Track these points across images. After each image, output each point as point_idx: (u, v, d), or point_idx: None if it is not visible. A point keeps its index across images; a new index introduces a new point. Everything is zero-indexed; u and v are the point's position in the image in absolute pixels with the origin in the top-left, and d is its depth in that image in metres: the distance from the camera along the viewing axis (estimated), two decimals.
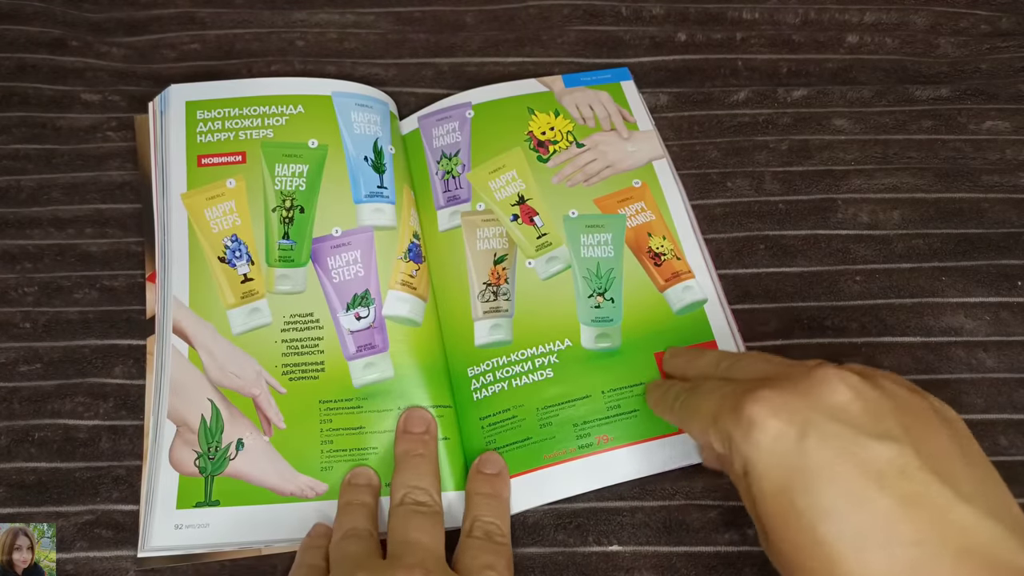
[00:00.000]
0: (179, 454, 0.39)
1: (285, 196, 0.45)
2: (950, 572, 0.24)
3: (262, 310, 0.43)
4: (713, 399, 0.31)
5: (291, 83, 0.48)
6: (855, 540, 0.26)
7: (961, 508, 0.25)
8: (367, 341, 0.42)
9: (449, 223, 0.47)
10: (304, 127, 0.47)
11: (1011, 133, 0.50)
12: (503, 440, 0.41)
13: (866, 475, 0.26)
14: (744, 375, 0.33)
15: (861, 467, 0.26)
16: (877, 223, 0.47)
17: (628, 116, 0.50)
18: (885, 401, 0.28)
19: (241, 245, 0.44)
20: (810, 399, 0.28)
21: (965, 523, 0.25)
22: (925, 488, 0.26)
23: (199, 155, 0.46)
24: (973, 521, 0.25)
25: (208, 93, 0.48)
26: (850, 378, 0.29)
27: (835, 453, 0.27)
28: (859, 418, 0.27)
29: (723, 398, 0.30)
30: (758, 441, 0.28)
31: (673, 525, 0.40)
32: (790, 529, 0.27)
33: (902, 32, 0.55)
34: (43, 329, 0.44)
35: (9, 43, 0.53)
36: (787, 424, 0.28)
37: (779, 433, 0.28)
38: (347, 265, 0.44)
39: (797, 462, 0.27)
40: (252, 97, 0.47)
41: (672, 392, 0.36)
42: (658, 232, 0.46)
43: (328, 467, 0.40)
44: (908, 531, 0.25)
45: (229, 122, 0.47)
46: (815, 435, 0.27)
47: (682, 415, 0.34)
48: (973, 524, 0.25)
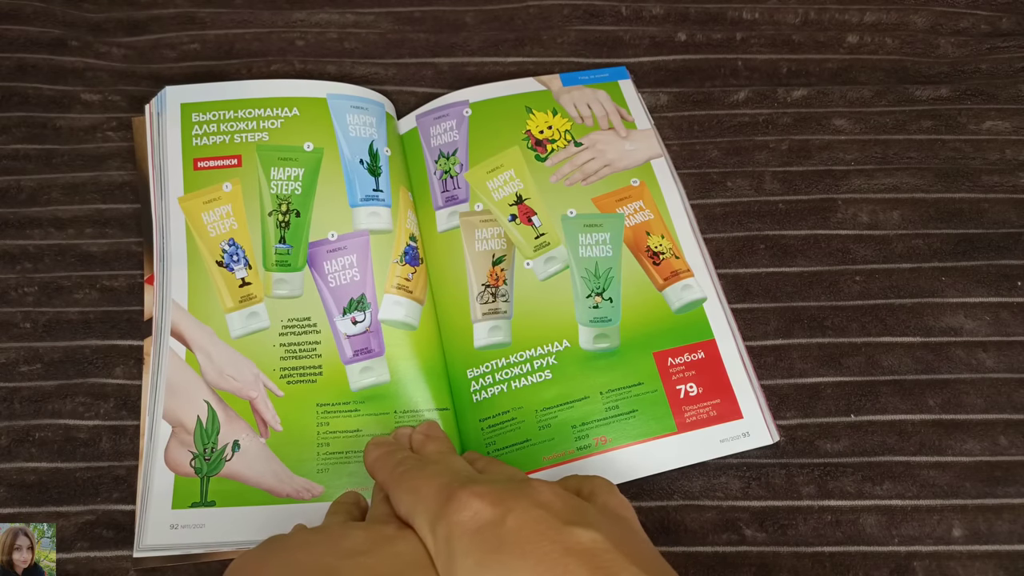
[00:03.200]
0: (175, 455, 0.39)
1: (281, 200, 0.45)
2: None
3: (260, 314, 0.43)
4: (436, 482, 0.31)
5: (286, 85, 0.48)
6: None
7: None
8: (363, 345, 0.42)
9: (448, 224, 0.47)
10: (299, 130, 0.47)
11: (1011, 133, 0.50)
12: (503, 442, 0.41)
13: (559, 551, 0.27)
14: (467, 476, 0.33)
15: (555, 544, 0.27)
16: (877, 223, 0.47)
17: (626, 115, 0.50)
18: (589, 507, 0.30)
19: (239, 249, 0.44)
20: (516, 493, 0.29)
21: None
22: (614, 565, 0.27)
23: (195, 158, 0.46)
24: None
25: (203, 95, 0.48)
26: (556, 487, 0.30)
27: (532, 533, 0.28)
28: (561, 511, 0.29)
29: (443, 487, 0.30)
30: (459, 520, 0.29)
31: (671, 525, 0.40)
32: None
33: (902, 32, 0.55)
34: (43, 329, 0.44)
35: (9, 43, 0.53)
36: (490, 506, 0.28)
37: (479, 512, 0.28)
38: (343, 269, 0.44)
39: (494, 542, 0.28)
40: (247, 99, 0.47)
41: (397, 456, 0.34)
42: (657, 231, 0.46)
43: (324, 469, 0.40)
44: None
45: (224, 125, 0.47)
46: (515, 518, 0.28)
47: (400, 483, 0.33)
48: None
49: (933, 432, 0.41)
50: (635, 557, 0.27)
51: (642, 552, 0.29)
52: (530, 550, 0.27)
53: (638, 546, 0.29)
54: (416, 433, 0.38)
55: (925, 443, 0.41)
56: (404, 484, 0.32)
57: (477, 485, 0.30)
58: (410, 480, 0.32)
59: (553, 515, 0.28)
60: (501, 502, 0.29)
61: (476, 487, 0.29)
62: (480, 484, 0.30)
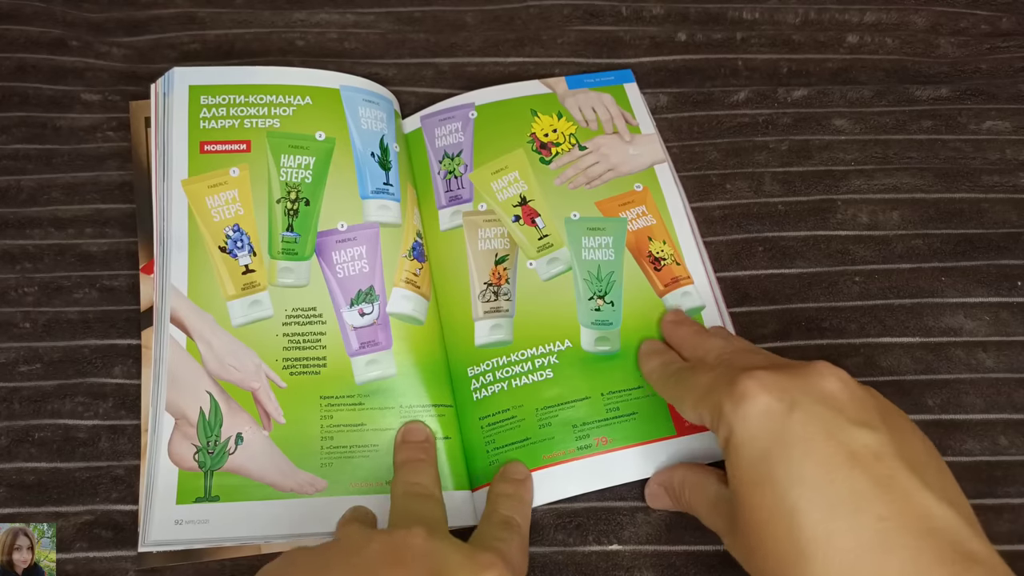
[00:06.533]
0: (178, 448, 0.39)
1: (290, 188, 0.45)
2: (911, 549, 0.26)
3: (263, 302, 0.42)
4: (710, 376, 0.33)
5: (299, 73, 0.48)
6: (824, 510, 0.27)
7: (925, 495, 0.27)
8: (370, 338, 0.42)
9: (451, 222, 0.47)
10: (311, 119, 0.46)
11: (1011, 133, 0.50)
12: (502, 440, 0.41)
13: (843, 453, 0.28)
14: (744, 363, 0.34)
15: (840, 446, 0.28)
16: (877, 224, 0.47)
17: (631, 119, 0.50)
18: (870, 399, 0.31)
19: (243, 235, 0.43)
20: (802, 382, 0.30)
21: (928, 509, 0.27)
22: (895, 473, 0.27)
23: (202, 141, 0.45)
24: (935, 508, 0.27)
25: (213, 78, 0.47)
26: (842, 373, 0.31)
27: (818, 430, 0.28)
28: (845, 406, 0.29)
29: (719, 375, 0.32)
30: (746, 412, 0.30)
31: (673, 524, 0.40)
32: (764, 496, 0.29)
33: (902, 32, 0.55)
34: (43, 329, 0.44)
35: (9, 43, 0.53)
36: (776, 400, 0.30)
37: (767, 406, 0.30)
38: (352, 260, 0.44)
39: (780, 433, 0.29)
40: (259, 85, 0.47)
41: (671, 368, 0.38)
42: (659, 236, 0.46)
43: (328, 463, 0.40)
44: (876, 508, 0.27)
45: (234, 109, 0.46)
46: (801, 412, 0.29)
47: (677, 390, 0.36)
48: (935, 510, 0.27)
49: (933, 432, 0.41)
50: (915, 464, 0.28)
51: (918, 456, 0.29)
52: (813, 448, 0.28)
53: (915, 447, 0.30)
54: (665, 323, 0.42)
55: None
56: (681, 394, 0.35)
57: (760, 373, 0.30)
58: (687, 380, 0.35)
59: (837, 412, 0.29)
60: (786, 392, 0.30)
61: (760, 375, 0.30)
62: (762, 372, 0.31)
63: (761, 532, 0.29)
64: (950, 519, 0.27)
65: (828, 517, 0.27)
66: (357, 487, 0.39)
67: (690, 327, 0.41)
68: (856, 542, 0.26)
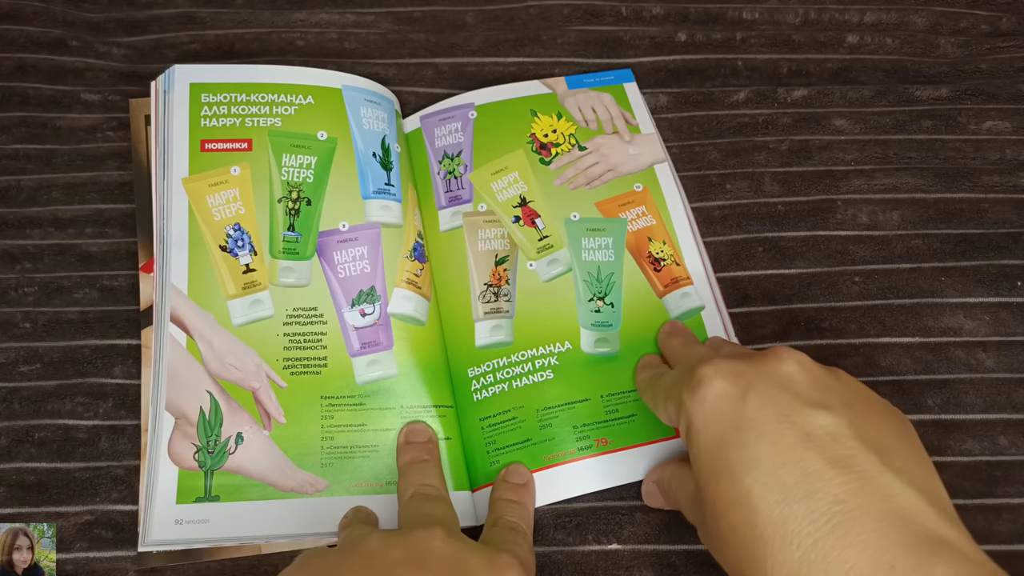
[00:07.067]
0: (178, 447, 0.39)
1: (292, 187, 0.45)
2: (871, 533, 0.25)
3: (264, 302, 0.42)
4: (676, 372, 0.33)
5: (301, 73, 0.47)
6: (779, 493, 0.26)
7: (887, 476, 0.26)
8: (371, 338, 0.42)
9: (451, 223, 0.47)
10: (313, 118, 0.46)
11: (1011, 133, 0.50)
12: (503, 441, 0.41)
13: (797, 434, 0.27)
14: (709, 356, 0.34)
15: (794, 427, 0.27)
16: (877, 224, 0.47)
17: (630, 119, 0.50)
18: (832, 381, 0.30)
19: (244, 235, 0.43)
20: (759, 367, 0.30)
21: (890, 490, 0.26)
22: (854, 454, 0.27)
23: (202, 139, 0.45)
24: (898, 488, 0.26)
25: (214, 76, 0.47)
26: (802, 357, 0.30)
27: (772, 413, 0.28)
28: (802, 388, 0.29)
29: (682, 369, 0.32)
30: (702, 397, 0.30)
31: (672, 523, 0.40)
32: (722, 484, 0.28)
33: (902, 32, 0.55)
34: (43, 329, 0.44)
35: (9, 43, 0.53)
36: (731, 384, 0.29)
37: (722, 391, 0.29)
38: (353, 260, 0.44)
39: (734, 418, 0.28)
40: (260, 84, 0.47)
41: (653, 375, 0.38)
42: (658, 237, 0.46)
43: (329, 463, 0.40)
44: (832, 490, 0.26)
45: (236, 108, 0.46)
46: (756, 396, 0.29)
47: (651, 393, 0.36)
48: (897, 492, 0.26)
49: (932, 432, 0.41)
50: (879, 446, 0.27)
51: (885, 439, 0.28)
52: (766, 431, 0.28)
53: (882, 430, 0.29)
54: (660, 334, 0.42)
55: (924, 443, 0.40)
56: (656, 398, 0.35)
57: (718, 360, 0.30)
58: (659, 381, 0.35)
59: (793, 395, 0.28)
60: (741, 377, 0.29)
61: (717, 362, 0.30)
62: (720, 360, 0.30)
63: (722, 521, 0.28)
64: (912, 501, 0.26)
65: (783, 500, 0.26)
66: (357, 487, 0.40)
67: (681, 338, 0.41)
68: (812, 526, 0.26)
